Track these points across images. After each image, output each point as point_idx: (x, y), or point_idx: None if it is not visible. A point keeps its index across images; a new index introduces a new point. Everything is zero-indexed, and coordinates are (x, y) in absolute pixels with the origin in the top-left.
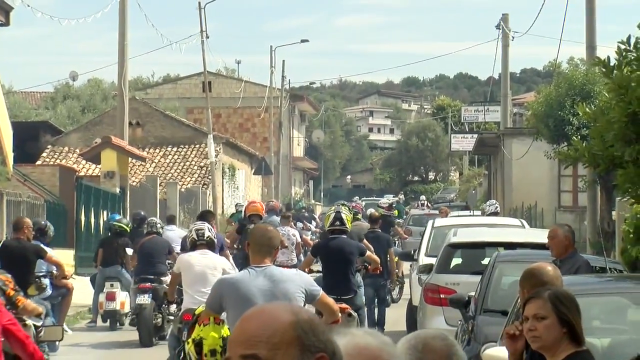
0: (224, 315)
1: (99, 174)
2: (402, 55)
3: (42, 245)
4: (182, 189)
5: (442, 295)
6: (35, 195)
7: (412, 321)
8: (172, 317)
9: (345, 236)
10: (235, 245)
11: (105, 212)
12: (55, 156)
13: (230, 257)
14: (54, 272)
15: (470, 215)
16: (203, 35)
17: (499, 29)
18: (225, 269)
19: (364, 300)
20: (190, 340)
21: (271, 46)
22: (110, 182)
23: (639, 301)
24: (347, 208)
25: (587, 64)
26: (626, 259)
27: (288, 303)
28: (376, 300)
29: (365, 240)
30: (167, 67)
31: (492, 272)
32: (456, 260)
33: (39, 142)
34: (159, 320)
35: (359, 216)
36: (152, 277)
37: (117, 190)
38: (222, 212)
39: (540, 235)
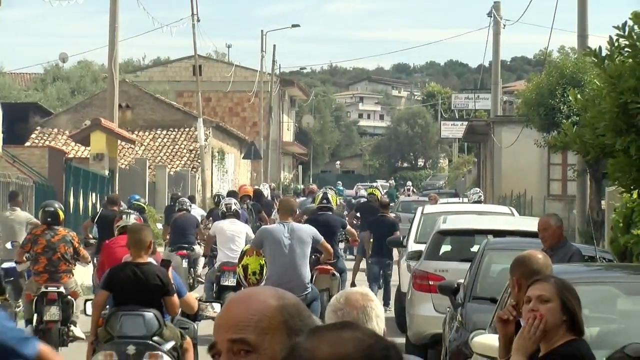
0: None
1: (88, 156)
2: (392, 41)
3: None
4: (171, 172)
5: (430, 282)
6: (24, 176)
7: (401, 307)
8: (200, 278)
9: (330, 212)
10: None
11: (93, 194)
12: (45, 138)
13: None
14: None
15: (459, 203)
16: (194, 18)
17: (491, 16)
18: (247, 233)
19: (345, 266)
20: (240, 265)
21: (262, 31)
22: (99, 164)
23: (629, 290)
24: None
25: (578, 53)
26: (615, 249)
27: (274, 288)
28: (382, 279)
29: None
30: (157, 50)
31: (482, 260)
32: (445, 247)
33: (29, 123)
34: (191, 280)
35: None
36: (186, 245)
37: (106, 172)
38: (212, 195)
39: (530, 224)
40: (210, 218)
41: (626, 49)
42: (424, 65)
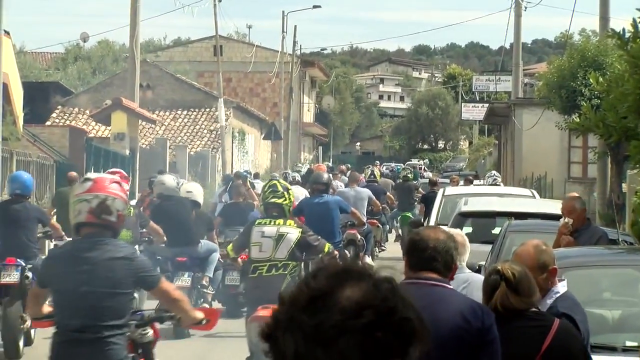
0: None
1: (109, 135)
2: (413, 23)
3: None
4: (192, 153)
5: None
6: (44, 155)
7: None
8: None
9: (376, 183)
10: None
11: None
12: (65, 117)
13: None
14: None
15: (480, 185)
16: None
17: None
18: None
19: (386, 220)
20: None
21: (283, 11)
22: (120, 143)
23: None
24: (378, 170)
25: (600, 36)
26: (636, 232)
27: None
28: None
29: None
30: (178, 30)
31: (503, 242)
32: (466, 229)
33: (49, 102)
34: None
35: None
36: None
37: (127, 152)
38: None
39: (551, 206)
40: None
41: None
42: (444, 47)
